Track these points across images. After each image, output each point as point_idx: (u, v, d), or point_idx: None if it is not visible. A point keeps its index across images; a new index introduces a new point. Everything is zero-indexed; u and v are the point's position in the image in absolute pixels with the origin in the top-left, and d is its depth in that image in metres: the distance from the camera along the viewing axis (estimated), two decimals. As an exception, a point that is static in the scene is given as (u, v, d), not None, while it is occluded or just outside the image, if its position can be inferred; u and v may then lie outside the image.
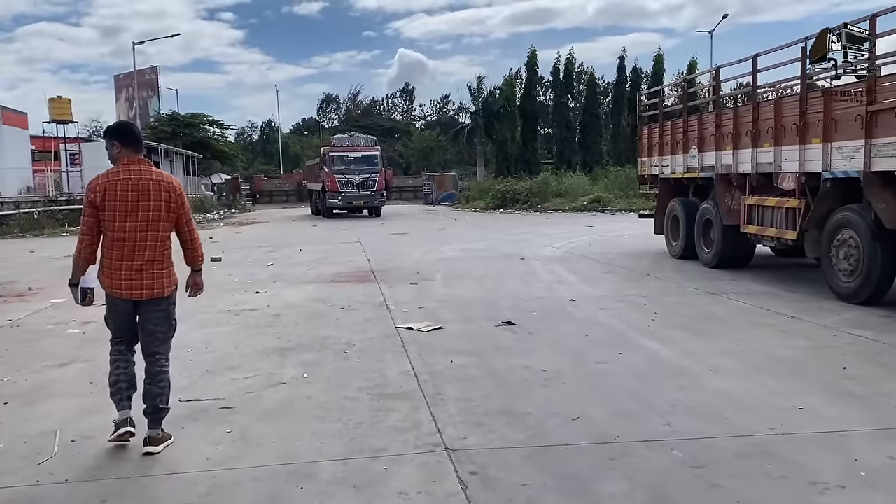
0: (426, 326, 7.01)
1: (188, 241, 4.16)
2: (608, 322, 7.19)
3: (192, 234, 4.17)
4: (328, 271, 11.93)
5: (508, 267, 11.94)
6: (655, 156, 13.67)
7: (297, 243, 17.89)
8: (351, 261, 13.45)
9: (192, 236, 4.17)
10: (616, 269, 11.40)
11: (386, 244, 17.15)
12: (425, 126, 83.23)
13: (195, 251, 4.21)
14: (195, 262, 4.26)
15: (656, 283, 9.90)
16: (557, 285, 9.80)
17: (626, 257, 13.07)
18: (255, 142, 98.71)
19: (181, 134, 47.96)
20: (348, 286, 10.17)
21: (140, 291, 3.97)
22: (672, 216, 12.97)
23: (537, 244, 16.08)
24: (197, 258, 4.25)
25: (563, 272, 11.15)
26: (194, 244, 4.18)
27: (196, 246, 4.20)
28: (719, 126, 10.94)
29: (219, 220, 34.04)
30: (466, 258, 13.47)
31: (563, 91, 53.77)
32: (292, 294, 9.57)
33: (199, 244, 4.23)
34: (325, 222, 28.21)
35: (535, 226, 23.04)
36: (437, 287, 9.90)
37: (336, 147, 31.73)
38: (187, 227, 4.11)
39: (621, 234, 18.31)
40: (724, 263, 11.06)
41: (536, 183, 38.14)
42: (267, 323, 7.61)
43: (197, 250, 4.21)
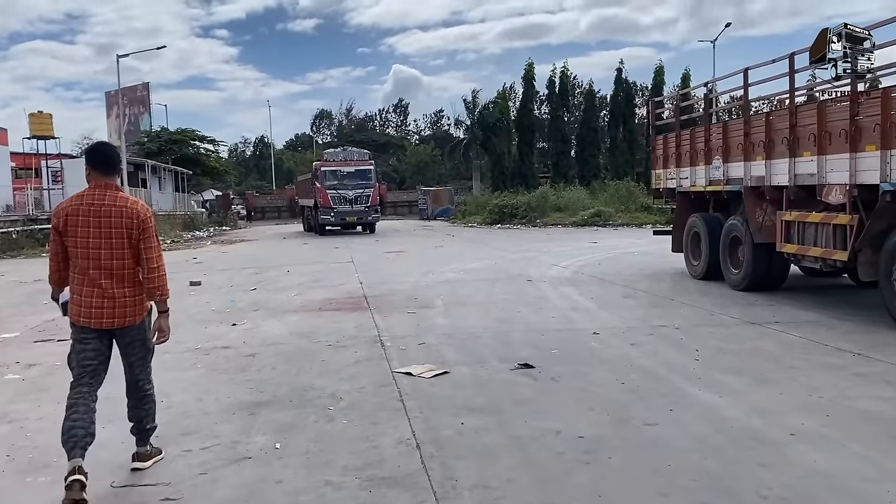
0: (428, 371, 5.87)
1: (145, 268, 3.87)
2: (644, 363, 6.05)
3: (152, 262, 3.87)
4: (316, 297, 10.78)
5: (516, 291, 10.81)
6: (672, 167, 12.61)
7: (286, 264, 16.73)
8: (342, 284, 12.30)
9: (151, 265, 3.86)
10: (635, 293, 10.29)
11: (380, 264, 16.02)
12: (419, 141, 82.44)
13: (151, 281, 3.87)
14: (152, 294, 3.91)
15: (685, 310, 8.78)
16: (574, 313, 8.67)
17: (643, 278, 11.96)
18: (249, 158, 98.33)
19: (170, 150, 46.93)
20: (338, 316, 9.02)
21: (111, 320, 3.83)
22: (692, 233, 11.88)
23: (543, 263, 14.97)
24: (155, 290, 3.89)
25: (578, 297, 10.02)
26: (151, 272, 3.86)
27: (154, 275, 3.87)
28: (748, 134, 9.88)
29: (208, 237, 32.90)
30: (468, 280, 12.35)
31: (559, 104, 52.96)
32: (274, 327, 8.42)
33: (157, 275, 3.88)
34: (317, 240, 27.06)
35: (536, 242, 21.94)
36: (438, 316, 8.76)
37: (328, 162, 30.64)
38: (146, 255, 3.85)
39: (630, 252, 17.22)
40: (755, 286, 9.97)
41: (535, 197, 37.14)
42: (239, 366, 6.45)
43: (154, 280, 3.87)
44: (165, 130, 49.90)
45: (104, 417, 4.07)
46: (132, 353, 3.97)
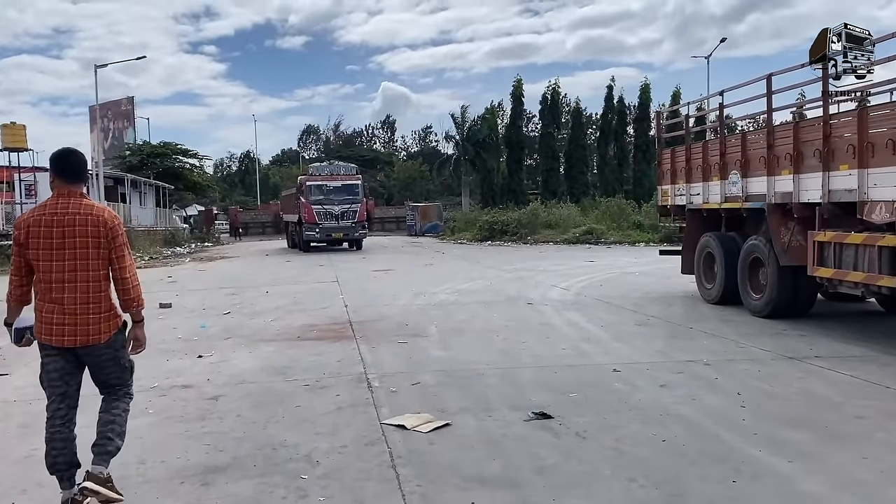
0: (425, 423, 4.86)
1: (118, 279, 3.68)
2: (682, 411, 5.08)
3: (124, 272, 3.68)
4: (296, 323, 9.75)
5: (517, 316, 9.84)
6: (681, 183, 11.73)
7: (266, 283, 15.67)
8: (325, 307, 11.26)
9: (124, 275, 3.68)
10: (648, 320, 9.34)
11: (368, 284, 14.99)
12: (407, 157, 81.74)
13: (126, 292, 3.70)
14: (127, 305, 3.73)
15: (709, 341, 7.83)
16: (586, 345, 7.69)
17: (652, 302, 11.03)
18: (234, 173, 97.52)
19: (152, 164, 45.74)
20: (319, 346, 7.99)
21: (73, 337, 3.58)
22: (705, 254, 10.98)
23: (541, 283, 14.02)
24: (130, 301, 3.71)
25: (587, 324, 9.06)
26: (125, 283, 3.68)
27: (128, 287, 3.69)
28: (772, 146, 9.01)
29: (188, 254, 31.74)
30: (464, 303, 11.35)
31: (549, 121, 52.36)
32: (244, 360, 7.38)
33: (131, 285, 3.69)
34: (301, 257, 25.97)
35: (530, 260, 21.02)
36: (434, 347, 7.75)
37: (314, 176, 29.59)
38: (118, 264, 3.66)
39: (630, 272, 16.33)
40: (779, 312, 9.06)
41: (525, 214, 36.36)
42: (199, 412, 5.42)
43: (128, 292, 3.70)
44: (147, 144, 48.74)
45: None
46: (104, 373, 3.73)
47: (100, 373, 3.72)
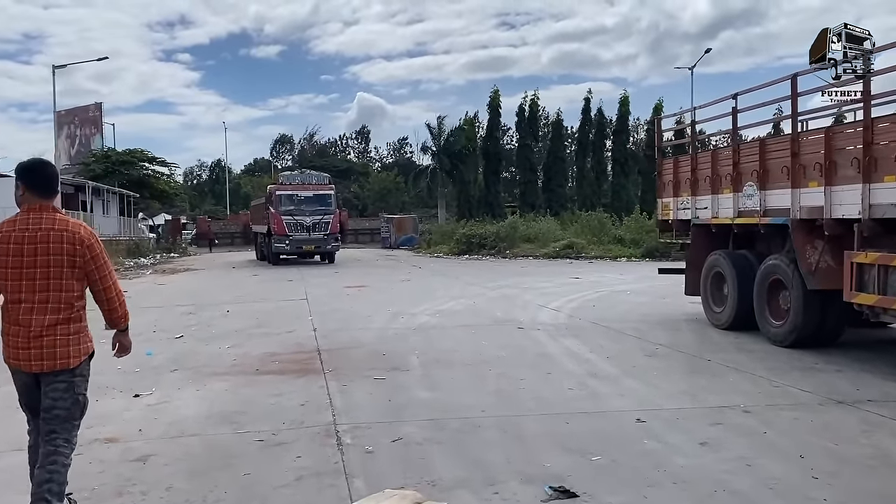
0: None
1: (104, 300, 3.50)
2: (741, 486, 3.96)
3: (109, 291, 3.49)
4: (256, 350, 8.50)
5: (508, 343, 8.70)
6: (685, 196, 10.72)
7: (228, 301, 14.36)
8: (291, 331, 10.02)
9: (109, 294, 3.49)
10: (657, 350, 8.25)
11: (339, 303, 13.75)
12: (382, 168, 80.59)
13: (114, 311, 3.54)
14: (115, 323, 3.59)
15: (736, 377, 6.76)
16: (595, 382, 6.57)
17: (655, 327, 9.97)
18: (205, 182, 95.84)
19: (117, 172, 43.95)
20: (280, 383, 6.76)
21: (40, 362, 3.33)
22: (713, 274, 9.97)
23: (529, 304, 12.92)
24: (117, 319, 3.58)
25: (589, 354, 7.95)
26: (111, 303, 3.51)
27: (114, 306, 3.53)
28: (797, 154, 8.01)
29: (151, 265, 30.17)
30: (447, 327, 10.18)
31: (527, 132, 51.56)
32: (190, 401, 6.13)
33: (118, 302, 3.54)
34: (270, 270, 24.60)
35: (512, 276, 19.94)
36: (417, 385, 6.57)
37: (284, 185, 28.21)
38: (101, 285, 3.46)
39: (621, 290, 15.34)
40: (805, 341, 8.06)
41: (504, 227, 35.38)
42: (118, 481, 4.18)
43: (116, 310, 3.55)
44: (113, 151, 46.92)
45: None
46: (55, 400, 3.36)
47: (49, 398, 3.37)
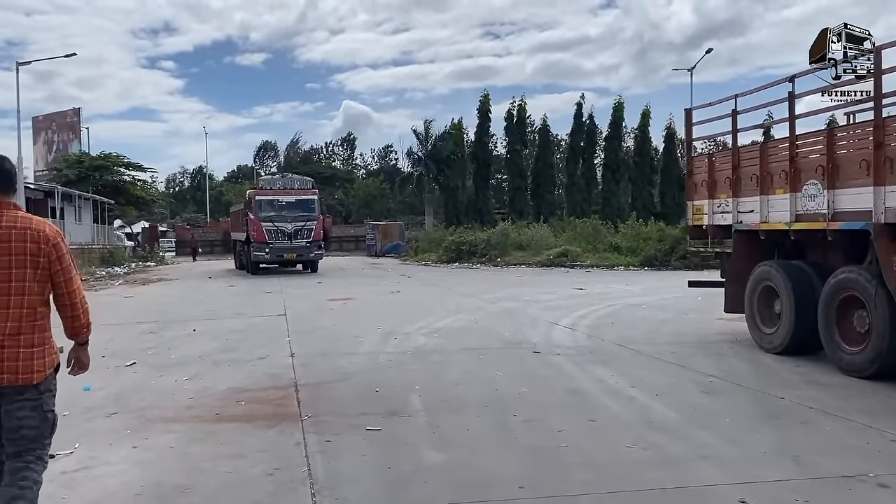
0: None
1: (66, 305, 3.18)
2: None
3: (74, 296, 3.18)
4: (220, 384, 6.90)
5: (528, 374, 7.16)
6: (724, 197, 9.27)
7: (197, 316, 12.72)
8: (265, 356, 8.43)
9: (73, 299, 3.18)
10: (711, 382, 6.75)
11: (323, 319, 12.16)
12: (367, 175, 79.05)
13: (76, 319, 3.21)
14: (77, 333, 3.26)
15: (831, 425, 5.25)
16: (658, 435, 5.03)
17: (692, 350, 8.50)
18: (186, 189, 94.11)
19: (90, 177, 41.99)
20: (244, 436, 5.18)
21: (0, 375, 2.97)
22: (762, 288, 8.52)
23: (537, 319, 11.41)
24: (80, 328, 3.25)
25: (631, 390, 6.43)
26: (75, 309, 3.20)
27: (78, 312, 3.21)
28: (882, 145, 6.56)
29: (124, 275, 28.38)
30: (449, 351, 8.64)
31: (516, 138, 50.22)
32: (119, 467, 4.53)
33: (82, 310, 3.22)
34: (248, 281, 22.90)
35: (509, 287, 18.44)
36: (423, 441, 4.99)
37: (264, 190, 26.48)
38: (66, 288, 3.15)
39: (634, 303, 13.88)
40: (889, 370, 6.63)
41: (495, 234, 33.94)
42: None
43: (79, 318, 3.22)
44: (86, 155, 44.93)
45: None
46: (21, 420, 3.01)
47: (13, 419, 3.01)
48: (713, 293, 10.88)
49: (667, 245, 28.96)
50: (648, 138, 50.54)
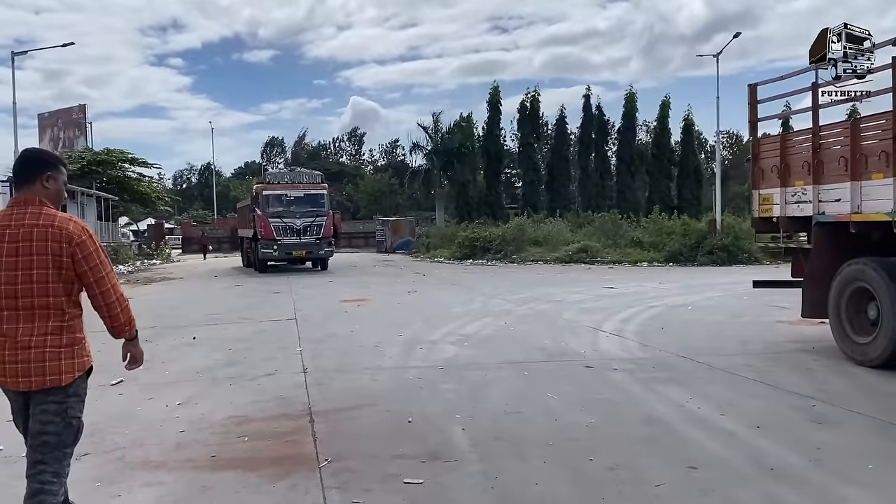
0: None
1: (101, 305, 3.00)
2: None
3: (108, 295, 2.98)
4: (218, 413, 5.71)
5: (588, 396, 5.94)
6: (799, 184, 8.02)
7: (199, 320, 11.58)
8: (273, 373, 7.24)
9: (108, 299, 2.98)
10: (816, 408, 5.51)
11: (337, 323, 10.97)
12: (374, 171, 77.95)
13: (114, 319, 3.03)
14: (119, 332, 3.09)
15: None
16: (789, 492, 3.80)
17: (770, 363, 7.27)
18: (194, 186, 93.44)
19: (94, 172, 40.96)
20: (246, 492, 3.98)
21: (28, 379, 2.87)
22: (853, 290, 7.27)
23: (575, 324, 10.20)
24: (119, 327, 3.07)
25: (723, 420, 5.20)
26: (111, 309, 3.00)
27: (115, 312, 3.02)
28: None
29: (127, 274, 27.36)
30: (487, 365, 7.43)
31: (528, 130, 48.89)
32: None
33: (120, 308, 3.02)
34: (255, 280, 21.74)
35: (534, 285, 17.24)
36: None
37: (272, 185, 25.30)
38: (98, 288, 2.95)
39: (677, 304, 12.67)
40: None
41: (510, 229, 32.63)
42: None
43: (118, 317, 3.03)
44: (89, 151, 43.87)
45: None
46: (44, 424, 2.89)
47: (37, 422, 2.89)
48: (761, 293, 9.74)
49: (692, 240, 27.70)
50: (668, 130, 49.19)
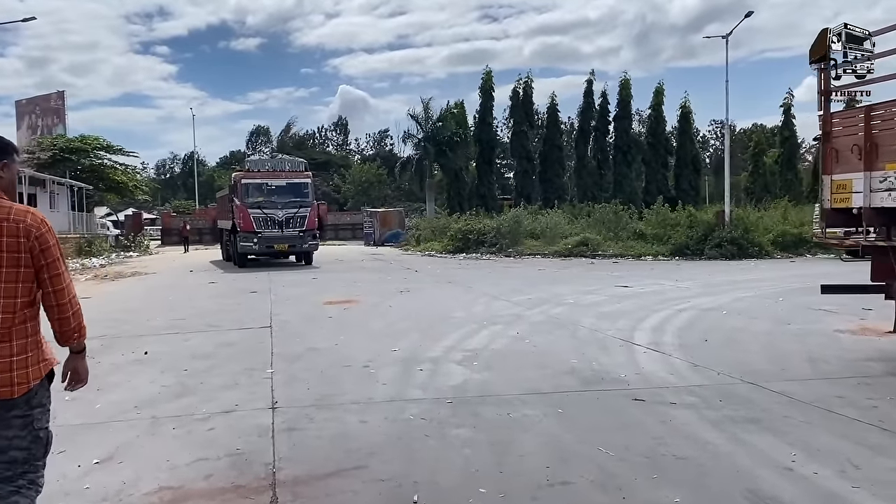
0: None
1: (53, 305, 2.73)
2: None
3: (62, 294, 2.73)
4: (146, 481, 4.08)
5: (654, 452, 4.36)
6: (891, 168, 6.48)
7: (159, 327, 9.93)
8: (231, 410, 5.60)
9: (61, 299, 2.73)
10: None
11: (319, 332, 9.34)
12: (362, 161, 76.21)
13: (65, 322, 2.76)
14: (68, 338, 2.81)
15: None
16: None
17: (862, 390, 5.77)
18: (177, 175, 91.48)
19: (67, 160, 38.99)
20: None
21: None
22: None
23: (599, 334, 8.64)
24: (68, 333, 2.79)
25: (857, 496, 3.67)
26: (63, 311, 2.75)
27: (67, 314, 2.75)
28: None
29: (100, 267, 25.55)
30: (507, 397, 5.83)
31: (521, 118, 47.27)
32: None
33: (72, 311, 2.77)
34: (233, 276, 20.03)
35: (538, 283, 15.71)
36: None
37: (252, 173, 23.51)
38: (52, 286, 2.71)
39: (709, 308, 11.17)
40: None
41: (505, 221, 31.06)
42: None
43: (68, 321, 2.77)
44: (61, 137, 41.83)
45: None
46: (10, 440, 2.66)
47: (2, 440, 2.65)
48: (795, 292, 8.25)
49: (698, 232, 26.29)
50: (663, 118, 47.80)
